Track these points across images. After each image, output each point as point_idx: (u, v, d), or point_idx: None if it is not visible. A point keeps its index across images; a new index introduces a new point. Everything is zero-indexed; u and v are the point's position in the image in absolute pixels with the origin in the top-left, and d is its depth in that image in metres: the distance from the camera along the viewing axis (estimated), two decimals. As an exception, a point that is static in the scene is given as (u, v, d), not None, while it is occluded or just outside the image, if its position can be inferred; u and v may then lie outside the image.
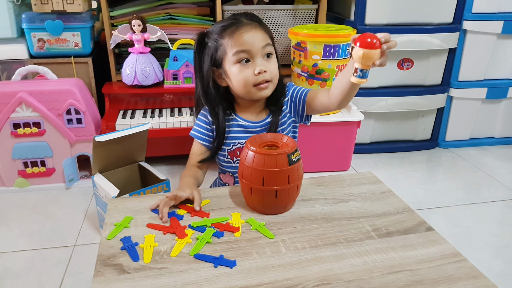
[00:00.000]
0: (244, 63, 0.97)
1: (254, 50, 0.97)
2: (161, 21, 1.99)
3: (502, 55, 2.17)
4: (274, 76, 1.00)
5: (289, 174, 0.80)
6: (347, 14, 2.14)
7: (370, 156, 2.21)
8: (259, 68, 0.97)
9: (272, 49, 1.00)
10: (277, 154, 0.80)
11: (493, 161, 2.18)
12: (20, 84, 1.75)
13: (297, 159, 0.82)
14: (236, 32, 0.97)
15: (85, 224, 1.61)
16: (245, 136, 1.07)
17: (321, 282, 0.65)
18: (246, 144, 0.83)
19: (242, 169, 0.84)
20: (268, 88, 1.00)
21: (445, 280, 0.66)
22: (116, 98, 1.97)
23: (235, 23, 0.98)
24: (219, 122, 1.05)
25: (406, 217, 0.83)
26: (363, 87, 2.11)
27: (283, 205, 0.84)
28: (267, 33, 1.01)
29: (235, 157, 1.08)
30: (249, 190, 0.83)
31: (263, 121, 1.07)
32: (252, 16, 1.02)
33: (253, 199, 0.84)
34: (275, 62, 1.01)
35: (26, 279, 1.33)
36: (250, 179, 0.81)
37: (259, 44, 0.97)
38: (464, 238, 1.55)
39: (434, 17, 2.04)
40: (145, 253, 0.72)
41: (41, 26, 1.85)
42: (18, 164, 1.80)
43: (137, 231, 0.79)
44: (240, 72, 0.98)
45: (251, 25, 0.98)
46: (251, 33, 0.97)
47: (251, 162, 0.81)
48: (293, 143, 0.83)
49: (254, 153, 0.81)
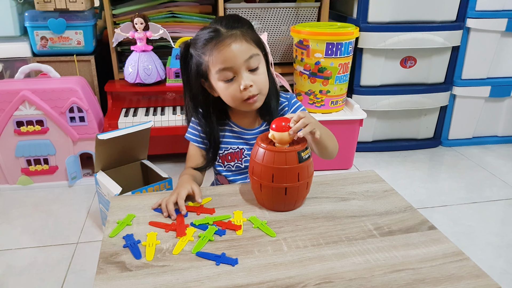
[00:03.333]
0: (229, 80, 0.93)
1: (237, 66, 0.91)
2: (163, 19, 1.99)
3: (506, 53, 2.16)
4: (263, 87, 0.96)
5: (299, 171, 0.81)
6: (350, 12, 2.14)
7: (372, 155, 2.21)
8: (244, 84, 0.92)
9: (257, 60, 0.94)
10: (287, 151, 0.80)
11: (496, 160, 2.17)
12: (23, 82, 1.75)
13: (307, 156, 0.82)
14: (216, 48, 0.91)
15: (88, 221, 1.62)
16: (237, 142, 1.06)
17: (322, 281, 0.65)
18: (257, 141, 0.83)
19: (252, 165, 0.84)
20: (257, 101, 0.96)
21: (447, 279, 0.65)
22: (119, 96, 1.97)
23: (214, 37, 0.91)
24: (213, 132, 1.03)
25: (408, 216, 0.83)
26: (365, 85, 2.11)
27: (293, 203, 0.84)
28: (251, 40, 0.94)
29: (226, 162, 1.08)
30: (259, 187, 0.83)
31: (256, 129, 1.06)
32: (233, 22, 0.94)
33: (263, 196, 0.84)
34: (263, 72, 0.96)
35: (29, 276, 1.33)
36: (260, 175, 0.82)
37: (241, 58, 0.91)
38: (466, 237, 1.55)
39: (437, 15, 2.03)
40: (147, 250, 0.72)
41: (44, 24, 1.86)
42: (21, 162, 1.81)
43: (139, 229, 0.79)
44: (226, 89, 0.94)
45: (231, 38, 0.91)
46: (231, 47, 0.90)
47: (261, 159, 0.81)
48: (303, 141, 0.83)
49: (264, 150, 0.81)
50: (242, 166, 1.08)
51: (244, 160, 1.07)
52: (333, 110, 1.97)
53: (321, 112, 1.95)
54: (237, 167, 1.08)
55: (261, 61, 0.96)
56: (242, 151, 1.07)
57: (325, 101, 1.93)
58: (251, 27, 0.97)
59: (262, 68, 0.96)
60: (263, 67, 0.97)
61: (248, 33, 0.94)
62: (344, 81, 1.93)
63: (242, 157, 1.07)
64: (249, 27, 0.97)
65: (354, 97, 2.11)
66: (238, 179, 1.09)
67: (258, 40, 0.97)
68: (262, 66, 0.97)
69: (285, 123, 0.81)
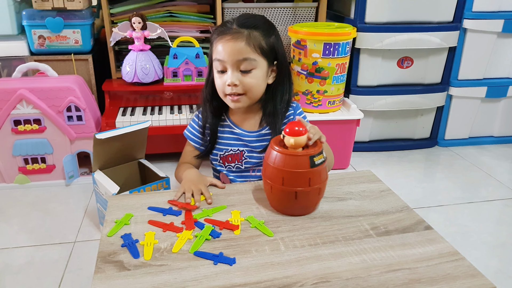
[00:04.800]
0: (221, 72, 0.99)
1: (228, 62, 0.96)
2: (161, 19, 1.99)
3: (502, 54, 2.17)
4: (249, 90, 0.98)
5: (311, 176, 0.79)
6: (347, 12, 2.14)
7: (369, 155, 2.21)
8: (229, 80, 0.97)
9: (250, 64, 0.96)
10: (299, 155, 0.79)
11: (491, 160, 2.18)
12: (21, 81, 1.75)
13: (321, 161, 0.80)
14: (219, 39, 0.97)
15: (85, 220, 1.62)
16: (237, 144, 1.07)
17: (319, 280, 0.65)
18: (271, 143, 0.83)
19: (265, 167, 0.84)
20: (240, 101, 1.00)
21: (443, 278, 0.66)
22: (116, 96, 1.97)
23: (224, 30, 0.97)
24: (209, 120, 1.06)
25: (404, 216, 0.83)
26: (362, 85, 2.11)
27: (303, 207, 0.83)
28: (254, 45, 0.96)
29: (226, 162, 1.09)
30: (270, 189, 0.83)
31: (257, 132, 1.06)
32: (248, 23, 0.97)
33: (274, 198, 0.84)
34: (256, 76, 0.98)
35: (26, 275, 1.33)
36: (271, 178, 0.81)
37: (233, 56, 0.95)
38: (462, 236, 1.56)
39: (434, 16, 2.04)
40: (145, 250, 0.73)
41: (41, 23, 1.85)
42: (18, 161, 1.81)
43: (137, 228, 0.79)
44: (217, 78, 1.00)
45: (236, 35, 0.95)
46: (230, 43, 0.95)
47: (273, 161, 0.80)
48: (318, 145, 0.82)
49: (277, 152, 0.80)
50: (242, 168, 1.09)
51: (244, 161, 1.08)
52: (330, 110, 1.97)
53: (318, 112, 1.96)
54: (237, 168, 1.09)
55: (259, 67, 0.98)
56: (242, 153, 1.07)
57: (322, 101, 1.93)
58: (267, 34, 0.98)
59: (257, 73, 0.98)
60: (259, 73, 0.98)
61: (256, 38, 0.96)
62: (341, 81, 1.94)
63: (242, 158, 1.08)
64: (265, 33, 0.98)
65: (351, 97, 2.12)
66: (238, 180, 1.10)
67: (269, 49, 0.98)
68: (258, 72, 0.98)
69: (299, 127, 0.80)
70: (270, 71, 1.02)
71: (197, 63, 1.90)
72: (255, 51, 0.96)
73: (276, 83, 1.04)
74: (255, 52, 0.96)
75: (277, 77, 1.04)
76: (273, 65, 1.02)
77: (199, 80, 1.93)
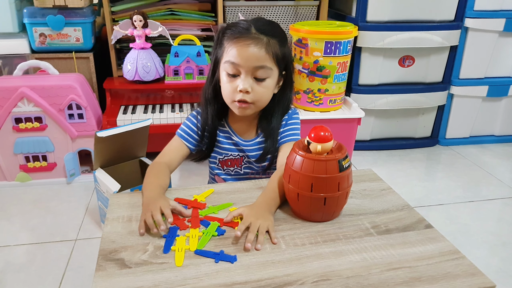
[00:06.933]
0: (232, 76, 0.94)
1: (244, 67, 0.92)
2: (162, 17, 1.99)
3: (503, 53, 2.17)
4: (259, 100, 0.96)
5: (339, 181, 0.76)
6: (349, 10, 2.14)
7: (370, 153, 2.21)
8: (243, 86, 0.92)
9: (266, 73, 0.94)
10: (327, 160, 0.75)
11: (492, 159, 2.18)
12: (22, 79, 1.75)
13: (348, 165, 0.78)
14: (237, 41, 0.92)
15: (86, 218, 1.62)
16: (236, 149, 1.06)
17: (320, 278, 0.66)
18: (294, 149, 0.79)
19: (289, 173, 0.79)
20: (248, 109, 0.96)
21: (443, 277, 0.66)
22: (117, 94, 1.97)
23: (243, 32, 0.92)
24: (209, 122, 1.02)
25: (405, 215, 0.83)
26: (363, 84, 2.11)
27: (331, 213, 0.80)
28: (272, 53, 0.93)
29: (225, 166, 1.08)
30: (296, 196, 0.79)
31: (253, 140, 1.05)
32: (267, 29, 0.94)
33: (300, 206, 0.80)
34: (268, 86, 0.95)
35: (28, 273, 1.34)
36: (298, 185, 0.78)
37: (252, 62, 0.91)
38: (463, 235, 1.56)
39: (435, 15, 2.03)
40: (176, 256, 0.70)
41: (42, 21, 1.85)
42: (19, 159, 1.81)
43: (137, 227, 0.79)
44: (225, 82, 0.96)
45: (255, 40, 0.91)
46: (249, 49, 0.91)
47: (299, 167, 0.77)
48: (344, 149, 0.79)
49: (303, 158, 0.76)
50: (241, 172, 1.08)
51: (243, 166, 1.08)
52: (332, 109, 1.97)
53: (319, 111, 1.95)
54: (236, 173, 1.09)
55: (272, 76, 0.95)
56: (242, 158, 1.07)
57: (323, 99, 1.93)
58: (282, 43, 0.96)
59: (270, 83, 0.96)
60: (271, 82, 0.96)
61: (274, 46, 0.94)
62: (342, 80, 1.94)
63: (241, 164, 1.07)
64: (281, 42, 0.96)
65: (353, 96, 2.12)
66: None
67: (282, 58, 0.96)
68: (271, 81, 0.96)
69: (324, 132, 0.77)
70: (278, 81, 1.00)
71: (198, 61, 1.90)
72: (272, 60, 0.93)
73: (280, 93, 1.02)
74: (272, 61, 0.93)
75: (281, 86, 1.02)
76: (282, 75, 1.00)
77: (200, 79, 1.93)
